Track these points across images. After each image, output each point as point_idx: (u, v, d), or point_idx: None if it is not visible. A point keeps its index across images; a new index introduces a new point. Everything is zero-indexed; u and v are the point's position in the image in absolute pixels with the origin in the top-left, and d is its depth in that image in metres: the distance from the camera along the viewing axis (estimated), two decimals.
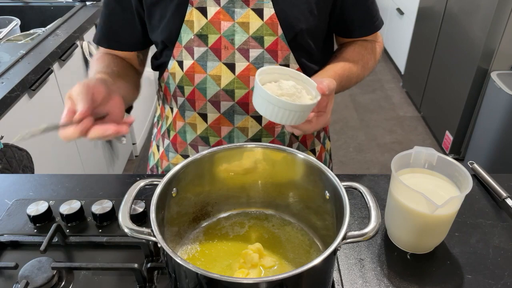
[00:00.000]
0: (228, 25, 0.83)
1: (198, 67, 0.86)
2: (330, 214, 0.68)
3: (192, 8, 0.82)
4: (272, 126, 0.92)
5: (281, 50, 0.85)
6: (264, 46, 0.84)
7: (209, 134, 0.93)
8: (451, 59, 2.63)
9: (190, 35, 0.84)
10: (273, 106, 0.69)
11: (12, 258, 0.74)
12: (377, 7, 0.93)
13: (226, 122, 0.91)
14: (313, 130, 0.76)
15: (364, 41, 0.97)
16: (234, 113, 0.89)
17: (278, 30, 0.83)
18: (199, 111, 0.91)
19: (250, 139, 0.92)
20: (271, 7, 0.81)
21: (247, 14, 0.82)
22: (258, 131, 0.92)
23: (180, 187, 0.69)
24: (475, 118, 2.45)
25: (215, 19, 0.82)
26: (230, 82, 0.86)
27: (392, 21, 3.80)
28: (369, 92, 3.50)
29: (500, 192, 0.87)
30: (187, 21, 0.83)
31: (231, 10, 0.82)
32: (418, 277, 0.72)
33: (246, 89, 0.86)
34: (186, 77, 0.88)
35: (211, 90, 0.87)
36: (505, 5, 2.09)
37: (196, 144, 0.95)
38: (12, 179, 0.96)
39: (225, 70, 0.85)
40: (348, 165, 2.71)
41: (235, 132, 0.92)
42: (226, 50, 0.84)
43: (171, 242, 0.70)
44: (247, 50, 0.84)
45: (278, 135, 0.93)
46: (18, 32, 1.90)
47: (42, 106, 1.59)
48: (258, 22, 0.82)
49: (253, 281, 0.53)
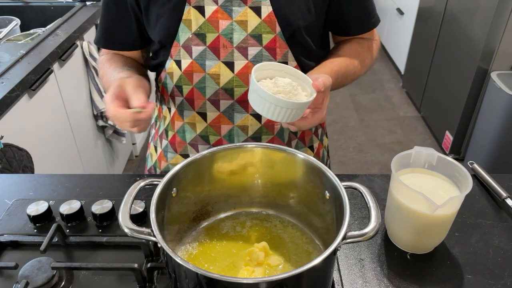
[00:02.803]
0: (226, 23, 0.83)
1: (197, 66, 0.86)
2: (330, 214, 0.68)
3: (189, 7, 0.82)
4: (272, 124, 0.92)
5: (280, 47, 0.85)
6: (263, 44, 0.84)
7: (209, 133, 0.93)
8: (451, 59, 2.63)
9: (188, 34, 0.84)
10: (270, 103, 0.69)
11: (12, 258, 0.74)
12: (373, 5, 0.94)
13: (226, 120, 0.91)
14: (309, 126, 0.76)
15: (360, 38, 0.97)
16: (234, 112, 0.90)
17: (276, 27, 0.83)
18: (198, 110, 0.91)
19: (250, 137, 0.92)
20: (268, 4, 0.82)
21: (245, 12, 0.82)
22: (258, 129, 0.92)
23: (180, 187, 0.69)
24: (475, 118, 2.45)
25: (213, 17, 0.83)
26: (229, 81, 0.86)
27: (392, 21, 3.79)
28: (369, 92, 3.50)
29: (500, 192, 0.87)
30: (184, 20, 0.83)
31: (229, 9, 0.82)
32: (418, 277, 0.72)
33: (245, 87, 0.86)
34: (184, 76, 0.88)
35: (210, 89, 0.87)
36: (505, 5, 2.09)
37: (196, 143, 0.95)
38: (12, 179, 0.96)
39: (224, 68, 0.85)
40: (348, 165, 2.71)
41: (235, 130, 0.92)
42: (225, 48, 0.84)
43: (171, 242, 0.70)
44: (245, 48, 0.84)
45: (277, 132, 0.94)
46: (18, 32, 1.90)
47: (42, 106, 1.59)
48: (256, 20, 0.82)
49: (253, 281, 0.53)
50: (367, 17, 0.94)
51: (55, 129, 1.71)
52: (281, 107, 0.69)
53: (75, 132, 1.85)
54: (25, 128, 1.49)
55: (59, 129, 1.74)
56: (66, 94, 1.74)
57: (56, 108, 1.70)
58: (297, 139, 0.99)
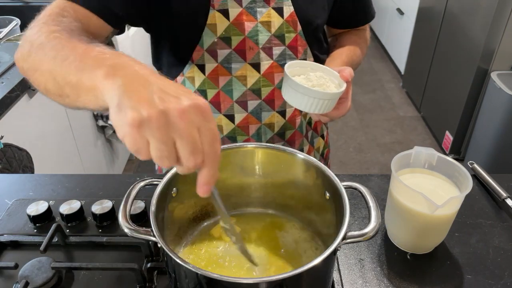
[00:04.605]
0: (252, 25, 0.83)
1: (223, 69, 0.86)
2: (330, 214, 0.68)
3: (214, 11, 0.81)
4: (294, 118, 0.94)
5: (301, 45, 0.88)
6: (286, 43, 0.86)
7: (236, 133, 0.93)
8: (451, 59, 2.63)
9: (213, 38, 0.83)
10: (308, 97, 0.73)
11: (12, 258, 0.74)
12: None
13: (254, 120, 0.91)
14: (339, 116, 0.80)
15: (356, 30, 1.02)
16: (261, 111, 0.91)
17: (297, 27, 0.85)
18: (225, 113, 0.90)
19: (276, 134, 0.94)
20: (290, 5, 0.84)
21: (269, 13, 0.83)
22: (283, 125, 0.94)
23: (180, 187, 0.69)
24: (475, 118, 2.45)
25: (239, 20, 0.82)
26: (256, 81, 0.87)
27: (392, 21, 3.79)
28: (369, 92, 3.50)
29: (500, 192, 0.87)
30: (209, 25, 0.82)
31: (254, 10, 0.83)
32: (418, 277, 0.72)
33: (271, 86, 0.88)
34: (208, 80, 0.87)
35: (237, 91, 0.88)
36: (505, 5, 2.09)
37: (223, 144, 0.94)
38: (12, 179, 0.96)
39: (250, 70, 0.86)
40: (348, 165, 2.71)
41: (263, 128, 0.93)
42: (251, 50, 0.85)
43: (171, 242, 0.70)
44: (270, 49, 0.85)
45: (298, 126, 0.96)
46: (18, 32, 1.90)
47: (42, 106, 1.59)
48: (279, 20, 0.84)
49: (253, 281, 0.53)
50: (365, 10, 0.98)
51: (55, 129, 1.71)
52: (319, 99, 0.72)
53: (75, 132, 1.85)
54: (25, 128, 1.49)
55: (59, 129, 1.74)
56: None
57: (56, 108, 1.70)
58: (311, 130, 1.02)
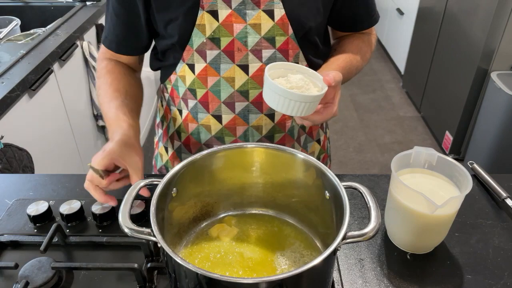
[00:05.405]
0: (241, 27, 0.83)
1: (211, 70, 0.86)
2: (330, 214, 0.68)
3: (203, 12, 0.82)
4: (284, 122, 0.94)
5: (292, 49, 0.87)
6: (276, 46, 0.85)
7: (224, 134, 0.93)
8: (451, 59, 2.63)
9: (202, 39, 0.84)
10: (284, 98, 0.72)
11: (12, 258, 0.74)
12: (374, 1, 0.96)
13: (241, 122, 0.91)
14: (322, 120, 0.78)
15: (361, 33, 1.00)
16: (249, 113, 0.90)
17: (288, 30, 0.84)
18: (213, 113, 0.91)
19: (264, 137, 0.94)
20: (281, 7, 0.83)
21: (259, 16, 0.83)
22: (271, 128, 0.93)
23: (180, 187, 0.69)
24: (475, 118, 2.45)
25: (227, 21, 0.83)
26: (244, 83, 0.87)
27: (392, 21, 3.80)
28: (369, 92, 3.50)
29: (500, 192, 0.87)
30: (198, 25, 0.83)
31: (243, 12, 0.82)
32: (418, 277, 0.72)
33: (259, 88, 0.88)
34: (198, 80, 0.88)
35: (225, 92, 0.88)
36: (505, 5, 2.09)
37: (211, 144, 0.95)
38: (12, 179, 0.96)
39: (238, 71, 0.86)
40: (348, 165, 2.71)
41: (250, 130, 0.92)
42: (239, 52, 0.85)
43: (171, 242, 0.70)
44: (259, 51, 0.85)
45: (288, 129, 0.95)
46: (18, 32, 1.90)
47: (42, 106, 1.59)
48: (270, 23, 0.83)
49: (253, 281, 0.53)
50: (369, 14, 0.96)
51: (55, 129, 1.71)
52: (295, 101, 0.72)
53: (75, 132, 1.85)
54: (25, 128, 1.49)
55: (59, 129, 1.74)
56: (66, 94, 1.74)
57: (56, 108, 1.70)
58: (305, 134, 1.01)
